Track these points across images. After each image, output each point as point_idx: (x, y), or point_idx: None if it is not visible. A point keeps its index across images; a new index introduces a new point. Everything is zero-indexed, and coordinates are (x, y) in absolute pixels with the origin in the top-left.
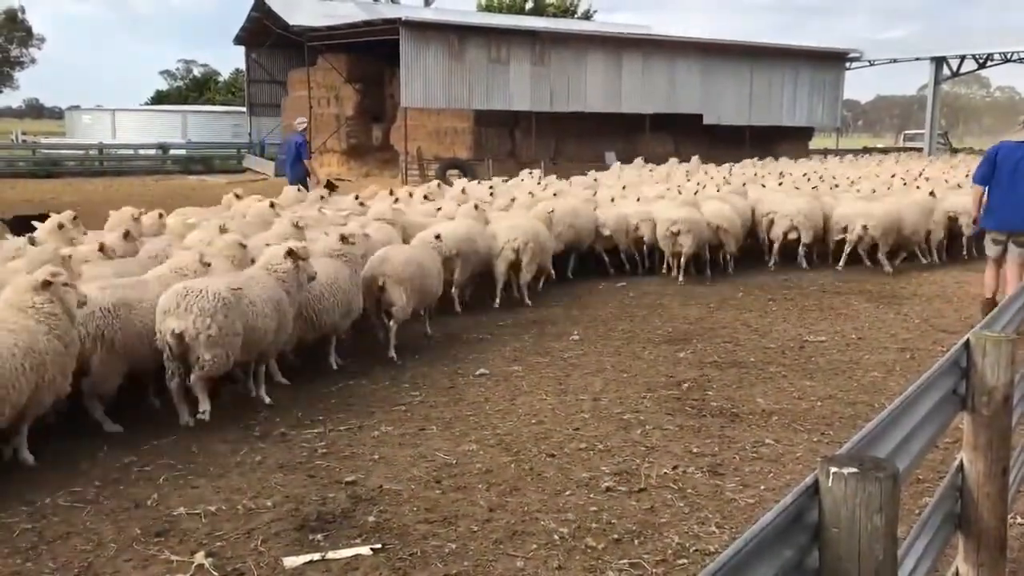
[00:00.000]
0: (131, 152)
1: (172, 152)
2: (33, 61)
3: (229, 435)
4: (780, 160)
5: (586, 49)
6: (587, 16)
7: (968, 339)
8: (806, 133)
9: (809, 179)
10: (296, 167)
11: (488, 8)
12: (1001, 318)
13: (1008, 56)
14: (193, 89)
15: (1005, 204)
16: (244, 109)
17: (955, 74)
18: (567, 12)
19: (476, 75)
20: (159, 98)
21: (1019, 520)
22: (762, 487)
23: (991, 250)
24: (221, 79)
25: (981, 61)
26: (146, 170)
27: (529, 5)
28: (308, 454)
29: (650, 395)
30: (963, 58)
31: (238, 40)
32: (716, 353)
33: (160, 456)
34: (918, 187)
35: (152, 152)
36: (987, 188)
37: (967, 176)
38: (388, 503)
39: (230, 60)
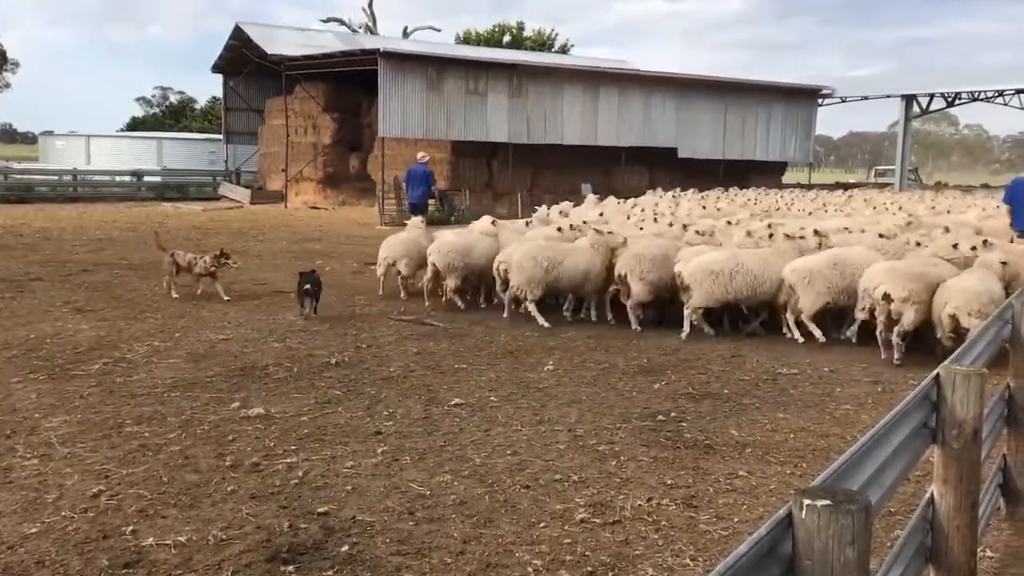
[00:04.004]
0: (105, 178)
1: (147, 179)
2: (7, 85)
3: (201, 465)
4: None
5: (563, 82)
6: (564, 50)
7: (938, 373)
8: (779, 167)
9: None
10: (421, 191)
11: (466, 40)
12: (971, 352)
13: (975, 95)
14: (169, 116)
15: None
16: (220, 136)
17: (925, 112)
18: (545, 46)
19: (454, 106)
20: (134, 124)
21: (988, 553)
22: (736, 519)
23: None
24: (198, 106)
25: (950, 99)
26: (120, 196)
27: (507, 38)
28: (281, 484)
29: (625, 426)
30: (932, 96)
31: (216, 68)
32: (691, 384)
33: (130, 486)
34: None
35: (127, 178)
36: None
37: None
38: (361, 534)
39: (207, 87)
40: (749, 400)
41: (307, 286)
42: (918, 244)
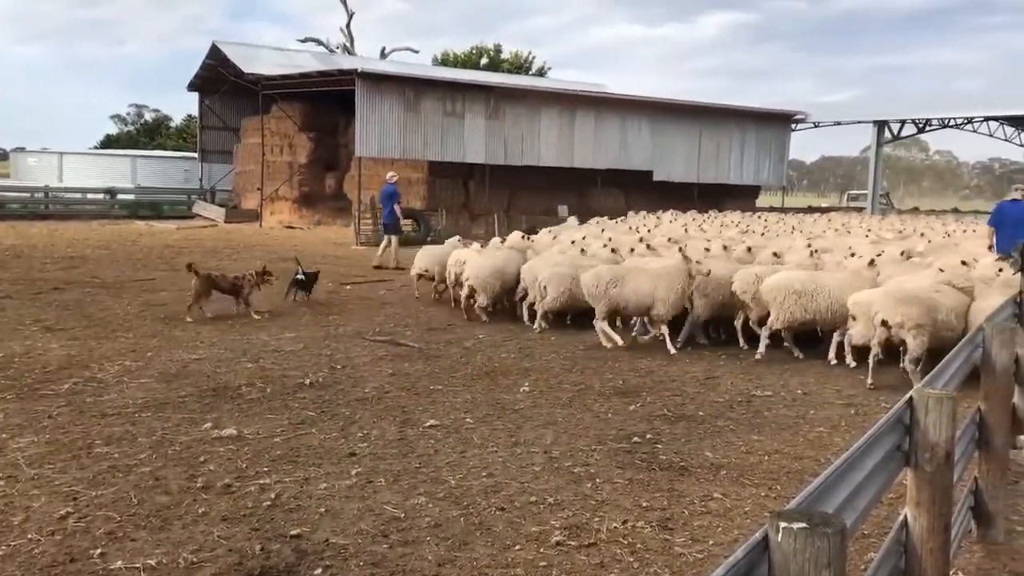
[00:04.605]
0: (78, 196)
1: (120, 197)
2: None
3: (171, 486)
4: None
5: (540, 105)
6: (541, 73)
7: (911, 396)
8: (753, 191)
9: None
10: (388, 210)
11: (444, 62)
12: (943, 375)
13: (945, 122)
14: (144, 134)
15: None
16: (195, 155)
17: (896, 137)
18: (522, 68)
19: (431, 127)
20: (108, 142)
21: (961, 575)
22: (711, 542)
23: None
24: (173, 124)
25: (920, 126)
26: (93, 214)
27: (484, 61)
28: (253, 506)
29: (600, 448)
30: (903, 122)
31: (192, 86)
32: (666, 406)
33: (98, 508)
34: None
35: (100, 196)
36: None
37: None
38: (334, 558)
39: (182, 106)
40: (724, 422)
41: (298, 275)
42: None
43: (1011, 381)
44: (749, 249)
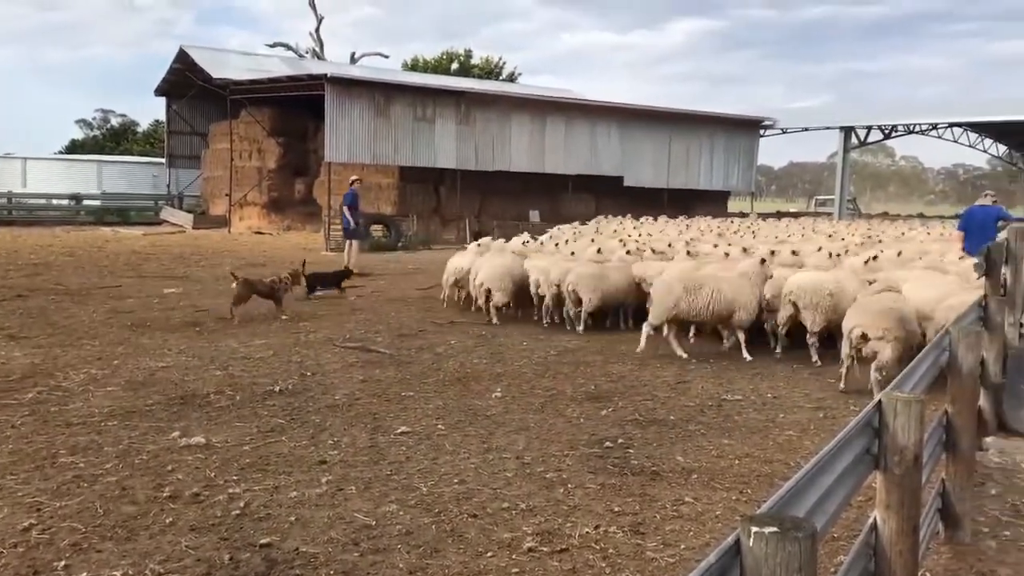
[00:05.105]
0: (42, 202)
1: (86, 202)
2: None
3: (138, 496)
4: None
5: (511, 110)
6: (512, 78)
7: (880, 400)
8: (723, 196)
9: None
10: (344, 214)
11: (414, 67)
12: (910, 379)
13: (911, 128)
14: (110, 139)
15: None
16: (163, 160)
17: (863, 143)
18: (492, 74)
19: (401, 132)
20: (74, 147)
21: None
22: (683, 546)
23: None
24: (140, 130)
25: (886, 132)
26: (57, 220)
27: (455, 66)
28: (222, 515)
29: (573, 453)
30: (870, 128)
31: (159, 91)
32: (637, 411)
33: (63, 519)
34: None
35: (65, 202)
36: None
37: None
38: (304, 566)
39: (150, 111)
40: (695, 426)
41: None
42: None
43: (977, 384)
44: (795, 252)
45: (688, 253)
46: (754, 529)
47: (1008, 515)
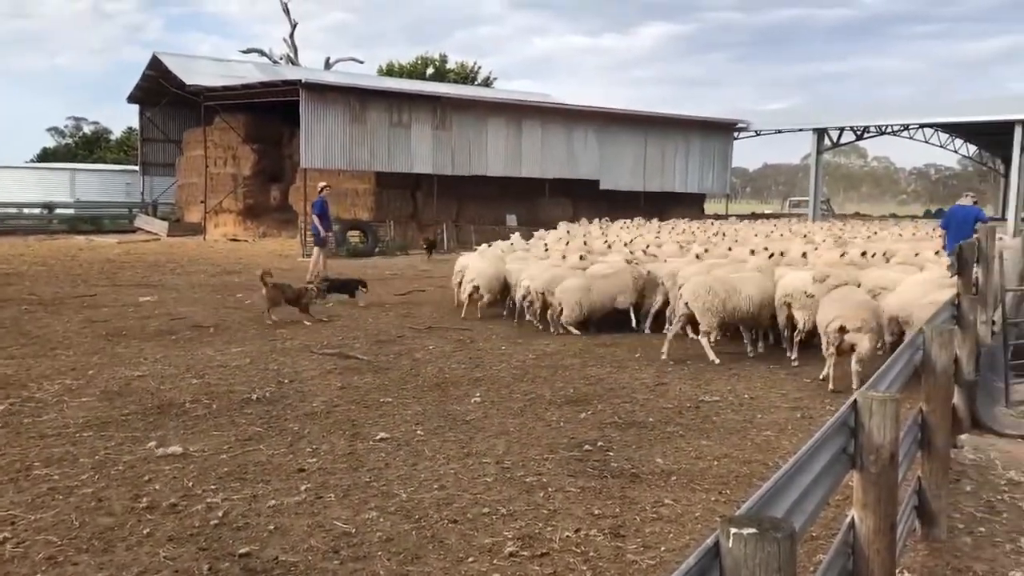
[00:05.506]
0: (13, 211)
1: (59, 211)
2: None
3: (115, 507)
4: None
5: (487, 115)
6: (487, 83)
7: (855, 400)
8: (699, 199)
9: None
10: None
11: (389, 72)
12: (885, 378)
13: (883, 129)
14: (83, 147)
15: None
16: (137, 168)
17: (835, 144)
18: (468, 78)
19: (377, 138)
20: (46, 156)
21: (906, 574)
22: (663, 548)
23: None
24: (113, 137)
25: (859, 133)
26: (29, 230)
27: (430, 71)
28: (200, 525)
29: (552, 457)
30: (842, 130)
31: (132, 98)
32: (616, 414)
33: (38, 532)
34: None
35: (37, 211)
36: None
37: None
38: (284, 575)
39: (123, 118)
40: (673, 428)
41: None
42: None
43: (951, 382)
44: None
45: (697, 256)
46: (733, 530)
47: (983, 511)
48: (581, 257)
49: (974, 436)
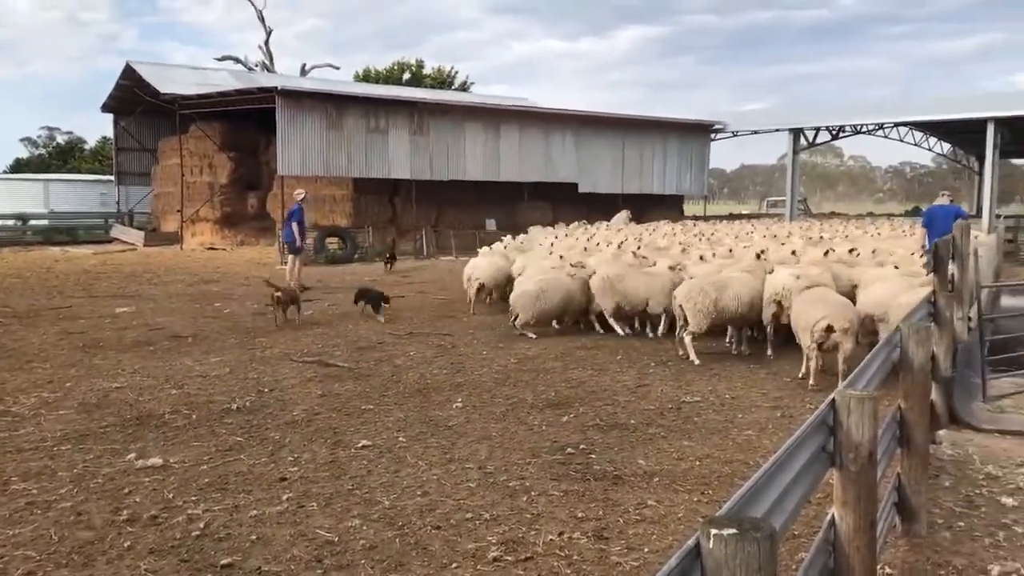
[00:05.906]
0: None
1: (33, 222)
2: None
3: (95, 521)
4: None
5: (464, 119)
6: (464, 88)
7: (834, 398)
8: (677, 200)
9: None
10: (288, 229)
11: (366, 78)
12: (863, 376)
13: (858, 128)
14: (57, 157)
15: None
16: (112, 178)
17: (811, 144)
18: (445, 83)
19: (355, 144)
20: (19, 166)
21: (887, 570)
22: (646, 549)
23: None
24: (87, 147)
25: (834, 132)
26: (3, 241)
27: (407, 76)
28: (181, 537)
29: (535, 461)
30: (818, 130)
31: (106, 107)
32: (598, 416)
33: (16, 547)
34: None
35: (10, 222)
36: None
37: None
38: None
39: (97, 127)
40: (655, 429)
41: (363, 300)
42: None
43: (928, 379)
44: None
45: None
46: (713, 531)
47: (962, 506)
48: (561, 256)
49: (952, 432)
